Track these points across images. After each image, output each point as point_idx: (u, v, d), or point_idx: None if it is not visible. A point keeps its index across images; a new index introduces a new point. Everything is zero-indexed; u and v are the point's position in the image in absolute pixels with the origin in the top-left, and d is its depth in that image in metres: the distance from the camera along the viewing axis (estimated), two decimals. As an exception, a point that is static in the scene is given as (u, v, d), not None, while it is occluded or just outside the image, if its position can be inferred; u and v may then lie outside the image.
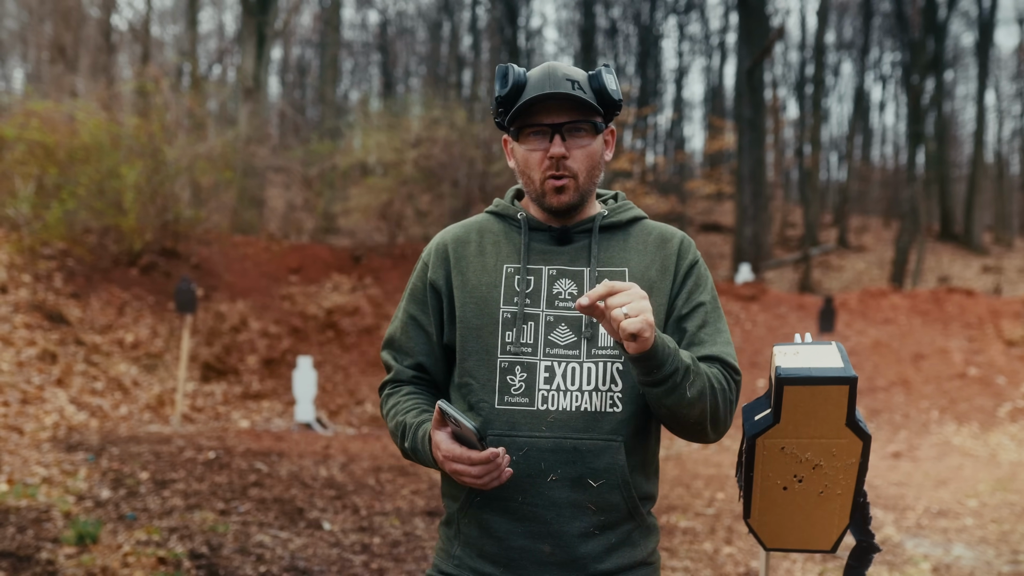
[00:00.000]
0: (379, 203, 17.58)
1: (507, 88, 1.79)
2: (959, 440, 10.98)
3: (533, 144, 1.81)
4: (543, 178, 1.81)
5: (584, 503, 1.75)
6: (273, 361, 12.11)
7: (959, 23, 33.36)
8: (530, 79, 1.80)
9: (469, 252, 1.89)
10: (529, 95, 1.77)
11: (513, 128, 1.84)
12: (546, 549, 1.75)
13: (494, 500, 1.77)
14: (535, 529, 1.75)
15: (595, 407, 1.76)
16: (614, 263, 1.87)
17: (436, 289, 1.90)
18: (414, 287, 1.95)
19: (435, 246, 1.94)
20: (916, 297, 16.38)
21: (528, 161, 1.82)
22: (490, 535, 1.78)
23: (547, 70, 1.81)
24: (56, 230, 11.97)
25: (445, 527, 1.90)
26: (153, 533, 5.20)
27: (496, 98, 1.82)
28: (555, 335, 1.79)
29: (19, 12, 26.59)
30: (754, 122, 20.80)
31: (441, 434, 1.69)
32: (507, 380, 1.78)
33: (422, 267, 1.95)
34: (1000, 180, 34.94)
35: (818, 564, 5.52)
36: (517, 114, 1.80)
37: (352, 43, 37.62)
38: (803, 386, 1.56)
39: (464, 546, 1.83)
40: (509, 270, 1.84)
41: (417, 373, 1.93)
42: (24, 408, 8.37)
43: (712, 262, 25.79)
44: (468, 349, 1.83)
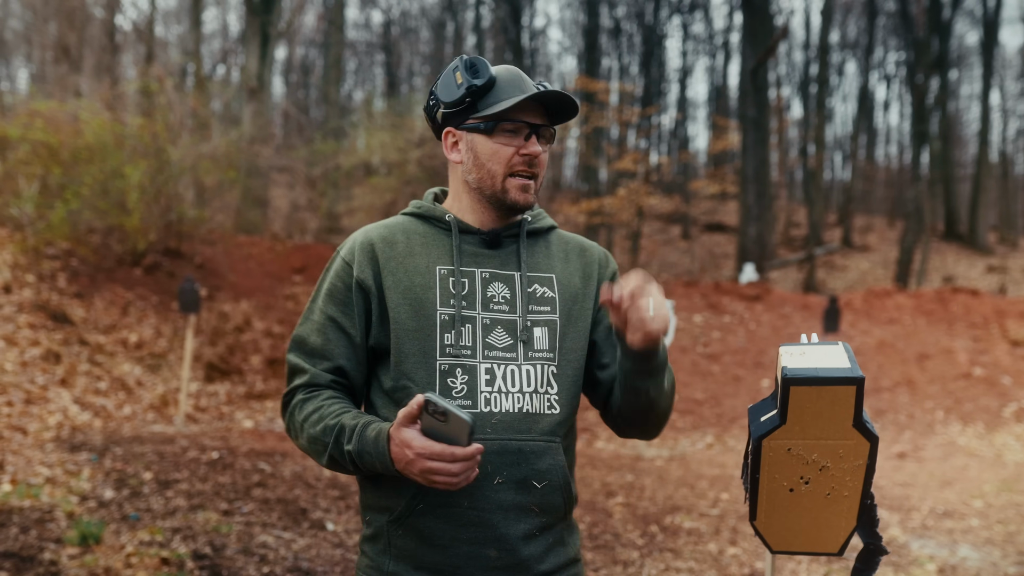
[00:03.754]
0: (383, 203, 17.57)
1: (485, 79, 1.79)
2: (964, 440, 10.95)
3: (505, 139, 1.80)
4: (506, 173, 1.81)
5: (528, 505, 1.76)
6: (277, 361, 12.10)
7: (963, 22, 33.33)
8: (500, 76, 1.83)
9: (398, 252, 1.83)
10: (508, 92, 1.80)
11: (484, 122, 1.80)
12: (492, 554, 1.73)
13: (437, 507, 1.72)
14: (480, 534, 1.72)
15: (535, 408, 1.78)
16: (541, 269, 1.90)
17: (364, 289, 1.81)
18: (333, 287, 1.84)
19: (359, 245, 1.85)
20: (921, 297, 16.35)
21: (496, 155, 1.81)
22: (431, 544, 1.73)
23: (517, 72, 1.85)
24: (60, 230, 11.97)
25: (370, 543, 1.80)
26: (156, 533, 5.20)
27: (469, 87, 1.79)
28: (492, 338, 1.79)
29: (23, 12, 26.63)
30: (758, 122, 20.77)
31: (411, 431, 1.58)
32: (447, 382, 1.75)
33: (342, 266, 1.84)
34: (1005, 179, 34.88)
35: (823, 566, 5.50)
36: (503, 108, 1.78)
37: (356, 43, 37.65)
38: (810, 387, 1.54)
39: (398, 560, 1.75)
40: (442, 271, 1.81)
41: (336, 378, 1.82)
42: (28, 408, 8.37)
43: (716, 262, 25.77)
44: (404, 351, 1.77)
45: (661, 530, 6.24)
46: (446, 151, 1.89)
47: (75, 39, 19.08)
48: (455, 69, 1.81)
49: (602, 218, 20.54)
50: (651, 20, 33.29)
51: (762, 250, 20.67)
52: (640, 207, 21.74)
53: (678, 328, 14.29)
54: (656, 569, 5.34)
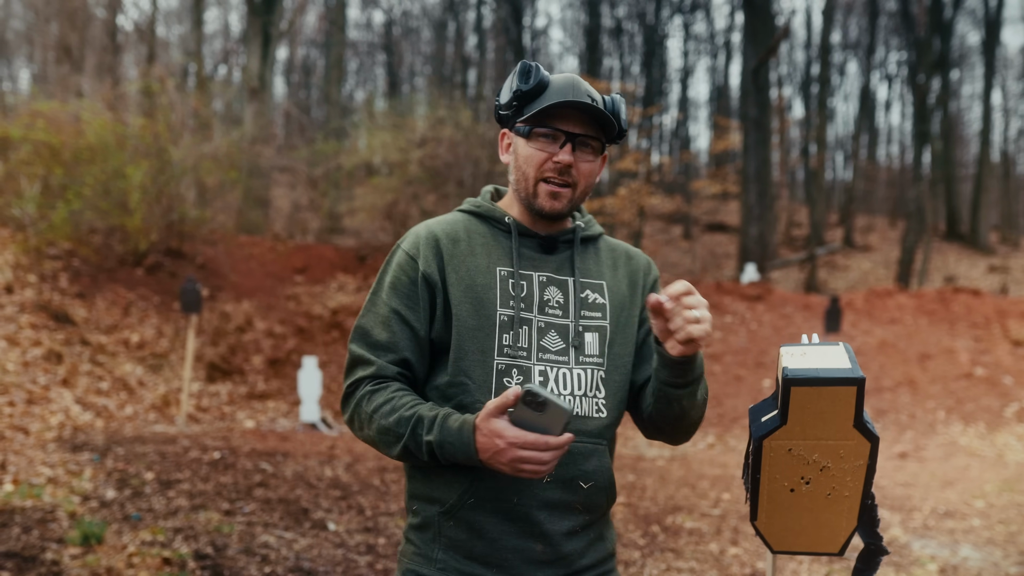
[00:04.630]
0: (384, 203, 17.58)
1: (531, 84, 1.82)
2: (966, 440, 10.95)
3: (541, 145, 1.83)
4: (538, 178, 1.84)
5: (574, 504, 1.81)
6: (278, 361, 12.11)
7: (965, 22, 33.32)
8: (552, 83, 1.84)
9: (461, 250, 1.86)
10: (553, 98, 1.80)
11: (525, 126, 1.84)
12: (537, 548, 1.78)
13: (488, 501, 1.76)
14: (527, 529, 1.77)
15: (584, 411, 1.83)
16: (592, 275, 1.94)
17: (430, 283, 1.83)
18: (397, 280, 1.85)
19: (424, 239, 1.87)
20: (922, 297, 16.34)
21: (530, 159, 1.84)
22: (481, 536, 1.77)
23: (571, 81, 1.85)
24: (62, 230, 11.99)
25: (419, 532, 1.84)
26: (158, 533, 5.20)
27: (515, 91, 1.83)
28: (546, 341, 1.84)
29: (25, 13, 26.66)
30: (760, 122, 20.76)
31: (502, 421, 1.61)
32: (503, 382, 1.79)
33: (407, 259, 1.85)
34: (1006, 179, 34.86)
35: (824, 566, 5.50)
36: (537, 113, 1.81)
37: (357, 43, 37.66)
38: (810, 387, 1.54)
39: (448, 549, 1.79)
40: (502, 273, 1.85)
41: (402, 370, 1.83)
42: (30, 408, 8.38)
43: (718, 262, 25.77)
44: (464, 348, 1.79)
45: (662, 530, 6.24)
46: (501, 152, 1.94)
47: (77, 39, 19.10)
48: (514, 72, 1.86)
49: (604, 218, 20.53)
50: (652, 20, 33.29)
51: (763, 250, 20.66)
52: (642, 207, 21.73)
53: (679, 328, 14.26)
54: (657, 569, 5.34)
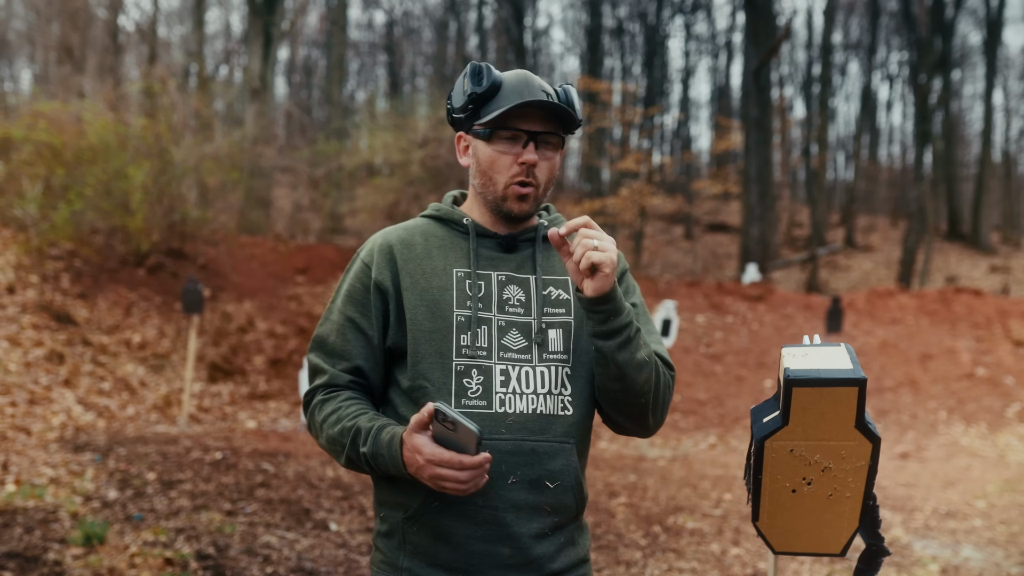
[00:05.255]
0: (385, 203, 17.59)
1: (484, 87, 1.80)
2: (967, 441, 10.94)
3: (504, 147, 1.82)
4: (508, 182, 1.82)
5: (541, 505, 1.78)
6: (280, 361, 12.11)
7: (967, 22, 33.30)
8: (505, 82, 1.83)
9: (416, 254, 1.86)
10: (509, 99, 1.79)
11: (484, 128, 1.82)
12: (505, 552, 1.75)
13: (452, 505, 1.74)
14: (494, 532, 1.75)
15: (549, 410, 1.80)
16: (556, 272, 1.93)
17: (382, 290, 1.84)
18: (352, 288, 1.87)
19: (378, 247, 1.88)
20: (924, 297, 16.33)
21: (496, 163, 1.82)
22: (446, 541, 1.75)
23: (524, 78, 1.83)
24: (63, 231, 11.99)
25: (385, 539, 1.83)
26: (160, 534, 5.21)
27: (469, 94, 1.81)
28: (508, 339, 1.82)
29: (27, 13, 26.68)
30: (761, 122, 20.76)
31: (422, 437, 1.62)
32: (463, 383, 1.78)
33: (361, 267, 1.88)
34: (1008, 179, 34.84)
35: (825, 566, 5.51)
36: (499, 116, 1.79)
37: (358, 43, 37.66)
38: (812, 388, 1.55)
39: (413, 556, 1.78)
40: (459, 274, 1.83)
41: (354, 378, 1.86)
42: (31, 408, 8.39)
43: (719, 262, 25.75)
44: (421, 352, 1.79)
45: (664, 530, 6.24)
46: (459, 155, 1.93)
47: (78, 40, 19.11)
48: (464, 75, 1.84)
49: (605, 218, 20.53)
50: (654, 20, 33.28)
51: (765, 250, 20.66)
52: (643, 207, 21.73)
53: (681, 328, 14.29)
54: (659, 569, 5.34)
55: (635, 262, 24.42)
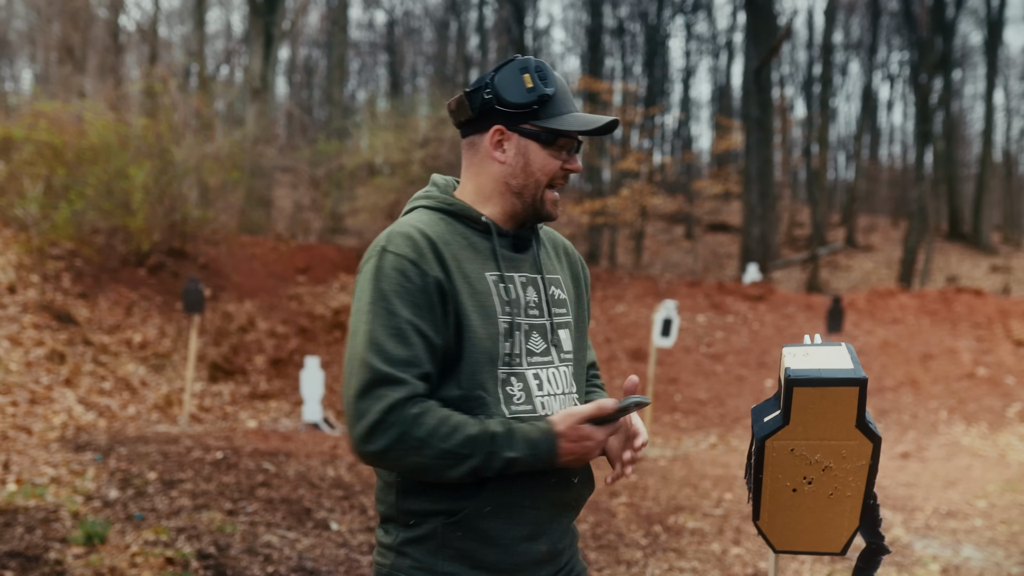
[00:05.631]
0: (386, 203, 17.59)
1: (553, 89, 1.80)
2: (968, 440, 10.94)
3: (557, 153, 1.82)
4: (547, 185, 1.84)
5: (569, 500, 1.84)
6: (281, 361, 12.12)
7: (967, 22, 33.30)
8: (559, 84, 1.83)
9: (454, 254, 1.76)
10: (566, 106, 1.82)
11: (545, 133, 1.80)
12: (543, 548, 1.79)
13: (504, 508, 1.73)
14: (535, 531, 1.77)
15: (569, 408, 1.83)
16: (551, 270, 1.94)
17: (441, 289, 1.71)
18: (406, 287, 1.69)
19: (419, 241, 1.73)
20: (924, 297, 16.33)
21: (546, 167, 1.82)
22: (494, 544, 1.73)
23: (564, 82, 1.85)
24: (64, 230, 12.00)
25: (415, 544, 1.74)
26: (161, 533, 5.21)
27: (540, 95, 1.78)
28: (531, 343, 1.82)
29: (27, 13, 26.69)
30: (762, 122, 20.76)
31: (589, 426, 1.70)
32: (507, 391, 1.77)
33: (408, 264, 1.70)
34: (1009, 179, 34.85)
35: (826, 565, 5.51)
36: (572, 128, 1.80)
37: (359, 43, 37.67)
38: (813, 387, 1.55)
39: (454, 560, 1.72)
40: (492, 277, 1.79)
41: (428, 386, 1.71)
42: (32, 408, 8.39)
43: (720, 262, 25.76)
44: (479, 361, 1.73)
45: (665, 530, 6.24)
46: (488, 147, 1.84)
47: (79, 40, 19.12)
48: (523, 70, 1.78)
49: (605, 218, 20.54)
50: (654, 20, 33.27)
51: (765, 250, 20.65)
52: (643, 207, 21.73)
53: (682, 328, 14.29)
54: (660, 569, 5.35)
55: (636, 262, 24.43)
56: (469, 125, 1.86)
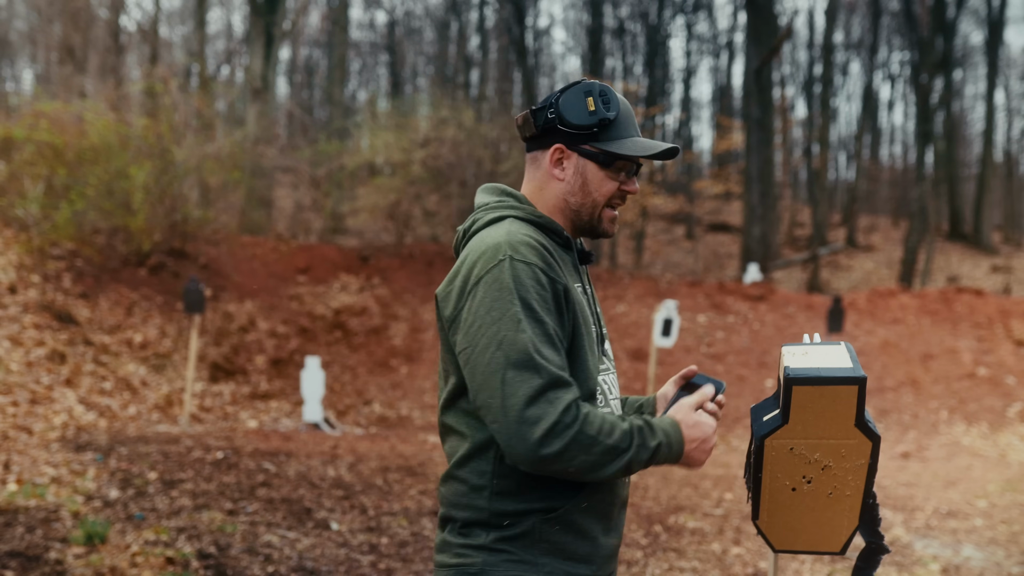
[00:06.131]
0: (387, 203, 17.59)
1: (615, 114, 1.86)
2: (968, 440, 10.94)
3: (616, 175, 1.89)
4: (604, 205, 1.91)
5: (626, 498, 1.96)
6: (281, 361, 12.12)
7: (968, 22, 33.24)
8: (621, 108, 1.89)
9: (555, 263, 1.80)
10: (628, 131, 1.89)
11: (605, 156, 1.87)
12: (615, 542, 1.90)
13: (597, 504, 1.83)
14: (610, 525, 1.87)
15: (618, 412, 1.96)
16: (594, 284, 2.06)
17: (568, 297, 1.78)
18: (543, 296, 1.73)
19: (541, 251, 1.77)
20: (925, 297, 16.32)
21: (604, 187, 1.89)
22: (584, 537, 1.81)
23: (628, 106, 1.93)
24: (65, 230, 12.00)
25: (512, 541, 1.77)
26: (161, 533, 5.21)
27: (602, 119, 1.85)
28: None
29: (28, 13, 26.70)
30: (762, 122, 20.75)
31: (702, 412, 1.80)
32: (597, 398, 1.87)
33: (539, 272, 1.74)
34: (1009, 179, 34.82)
35: (827, 565, 5.50)
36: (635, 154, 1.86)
37: (360, 43, 37.65)
38: (812, 386, 1.55)
39: (548, 554, 1.78)
40: (578, 288, 1.89)
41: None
42: (33, 408, 8.39)
43: (720, 262, 25.74)
44: (588, 370, 1.81)
45: (665, 530, 6.24)
46: (548, 165, 1.90)
47: (80, 40, 19.12)
48: (587, 93, 1.86)
49: (606, 218, 20.49)
50: (655, 20, 33.26)
51: (766, 250, 20.65)
52: (644, 207, 21.73)
53: (682, 328, 14.28)
54: (660, 569, 5.34)
55: (636, 262, 24.42)
56: (533, 141, 1.94)
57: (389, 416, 11.38)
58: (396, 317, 14.26)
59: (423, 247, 16.91)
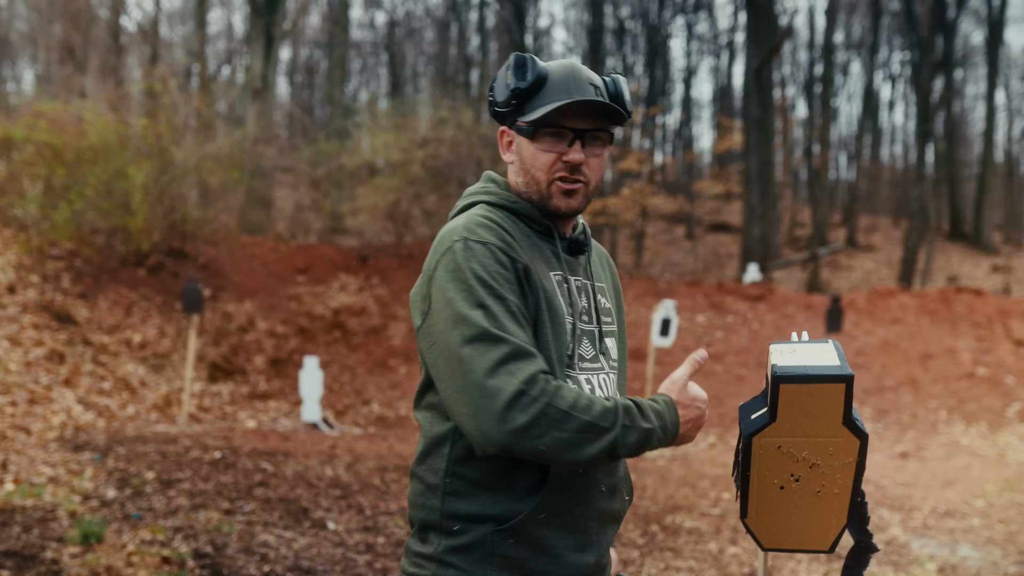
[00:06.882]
0: (386, 203, 17.60)
1: (528, 81, 1.71)
2: (967, 440, 10.93)
3: (548, 144, 1.73)
4: (550, 179, 1.74)
5: (614, 512, 1.80)
6: (280, 361, 12.12)
7: (968, 22, 33.25)
8: (551, 76, 1.73)
9: (525, 248, 1.71)
10: (554, 95, 1.71)
11: (528, 125, 1.73)
12: (590, 560, 1.72)
13: (558, 515, 1.67)
14: (584, 541, 1.71)
15: None
16: (598, 278, 1.90)
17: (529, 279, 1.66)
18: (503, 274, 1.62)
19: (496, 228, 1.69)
20: (925, 297, 16.32)
21: (538, 161, 1.73)
22: (545, 552, 1.66)
23: (571, 71, 1.74)
24: (64, 230, 12.01)
25: (461, 553, 1.66)
26: (158, 532, 5.21)
27: (513, 89, 1.72)
28: (582, 349, 1.77)
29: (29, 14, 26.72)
30: (762, 121, 20.76)
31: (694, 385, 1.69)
32: None
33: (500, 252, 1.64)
34: (1010, 179, 34.82)
35: (823, 565, 5.50)
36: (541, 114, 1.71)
37: (360, 43, 37.68)
38: (799, 384, 1.54)
39: (502, 569, 1.65)
40: (556, 277, 1.75)
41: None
42: (31, 408, 8.40)
43: (720, 262, 25.74)
44: (549, 358, 1.67)
45: (662, 529, 6.24)
46: (502, 151, 1.83)
47: (80, 40, 19.14)
48: (507, 68, 1.74)
49: (606, 218, 20.52)
50: (655, 20, 33.28)
51: (766, 250, 20.65)
52: (644, 207, 21.73)
53: (681, 328, 14.28)
54: (656, 568, 5.34)
55: (636, 262, 24.43)
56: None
57: (388, 416, 11.38)
58: (395, 317, 14.26)
59: (422, 247, 16.90)
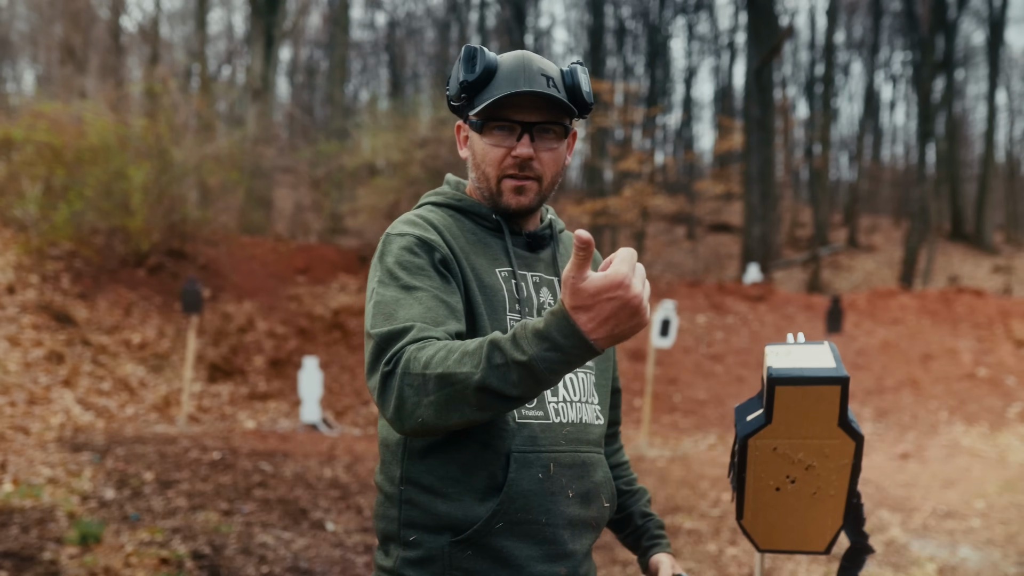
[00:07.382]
0: (386, 203, 17.58)
1: (476, 74, 1.63)
2: (968, 441, 10.92)
3: (496, 139, 1.65)
4: (499, 176, 1.66)
5: (589, 519, 1.68)
6: (279, 362, 12.11)
7: (969, 22, 33.22)
8: (501, 67, 1.66)
9: (463, 245, 1.65)
10: (502, 87, 1.63)
11: (476, 119, 1.66)
12: (562, 571, 1.63)
13: (517, 524, 1.57)
14: (553, 551, 1.61)
15: (588, 419, 1.70)
16: None
17: (451, 269, 1.59)
18: (415, 263, 1.56)
19: (423, 224, 1.63)
20: (925, 297, 16.31)
21: (487, 157, 1.66)
22: (506, 564, 1.57)
23: (521, 61, 1.66)
24: (64, 231, 12.01)
25: (417, 567, 1.58)
26: (156, 533, 5.21)
27: (461, 82, 1.65)
28: None
29: (29, 14, 26.73)
30: (763, 122, 20.75)
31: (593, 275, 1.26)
32: None
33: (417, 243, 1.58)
34: (1011, 179, 34.79)
35: (822, 566, 5.49)
36: (488, 105, 1.63)
37: (361, 44, 37.69)
38: (795, 386, 1.54)
39: None
40: (503, 274, 1.67)
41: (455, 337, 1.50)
42: (31, 408, 8.39)
43: (721, 262, 25.74)
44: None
45: (661, 530, 6.23)
46: (459, 146, 1.77)
47: (80, 40, 19.15)
48: (459, 60, 1.67)
49: (607, 218, 20.53)
50: (656, 20, 33.28)
51: (767, 250, 20.64)
52: (645, 207, 21.73)
53: (681, 328, 14.27)
54: (656, 569, 5.33)
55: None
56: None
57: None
58: (395, 317, 14.26)
59: (423, 247, 16.89)
